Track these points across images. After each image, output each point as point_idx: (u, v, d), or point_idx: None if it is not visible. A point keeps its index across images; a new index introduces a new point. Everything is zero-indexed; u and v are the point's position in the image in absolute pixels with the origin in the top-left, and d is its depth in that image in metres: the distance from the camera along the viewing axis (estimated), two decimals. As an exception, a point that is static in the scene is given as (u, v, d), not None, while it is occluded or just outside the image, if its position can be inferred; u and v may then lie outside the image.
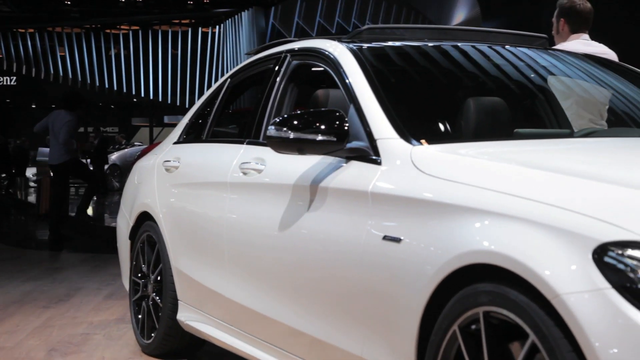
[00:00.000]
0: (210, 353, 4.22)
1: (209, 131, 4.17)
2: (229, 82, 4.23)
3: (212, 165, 3.78)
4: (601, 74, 3.49)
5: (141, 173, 4.58)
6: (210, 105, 4.30)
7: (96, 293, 6.07)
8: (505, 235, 2.03)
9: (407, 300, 2.29)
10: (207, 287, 3.60)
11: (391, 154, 2.61)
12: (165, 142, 4.63)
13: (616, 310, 1.73)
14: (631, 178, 2.12)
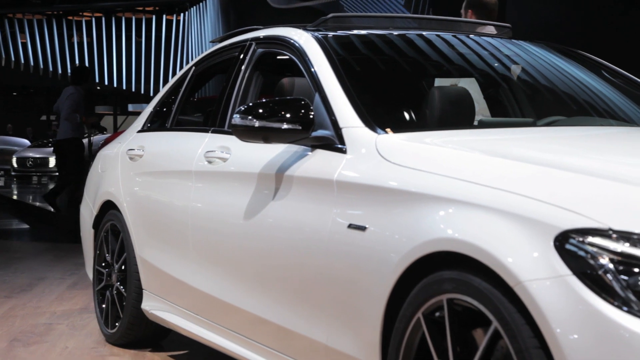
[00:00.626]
0: (176, 342, 4.21)
1: (174, 119, 4.14)
2: (193, 70, 4.20)
3: (176, 153, 3.75)
4: (563, 63, 3.53)
5: (105, 162, 4.54)
6: (175, 94, 4.27)
7: (59, 282, 6.01)
8: (469, 223, 2.05)
9: (372, 288, 2.31)
10: (172, 276, 3.59)
11: (356, 142, 2.62)
12: (129, 130, 4.59)
13: (577, 297, 1.76)
14: (592, 166, 2.15)
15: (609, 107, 3.31)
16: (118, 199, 4.13)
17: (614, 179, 2.01)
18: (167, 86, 4.44)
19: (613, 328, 1.70)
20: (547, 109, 3.46)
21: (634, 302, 1.71)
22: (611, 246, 1.77)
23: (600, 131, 2.99)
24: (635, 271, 1.73)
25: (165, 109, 4.33)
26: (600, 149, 2.52)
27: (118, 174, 4.24)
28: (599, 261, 1.77)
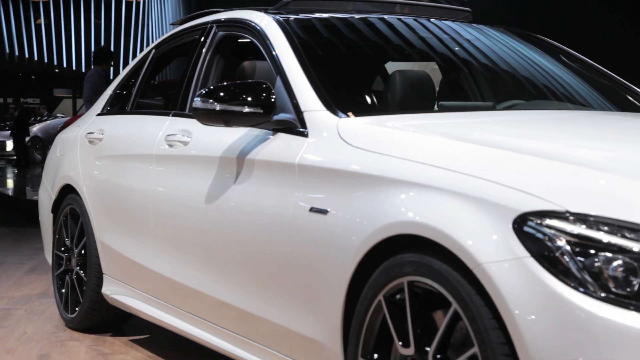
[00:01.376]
0: (137, 326, 4.19)
1: (134, 103, 4.10)
2: (153, 53, 4.16)
3: (137, 137, 3.72)
4: (522, 47, 3.56)
5: (64, 145, 4.48)
6: (135, 77, 4.22)
7: (17, 268, 5.93)
8: (430, 206, 2.07)
9: (334, 271, 2.32)
10: (133, 260, 3.57)
11: (318, 126, 2.62)
12: (89, 113, 4.53)
13: (534, 278, 1.79)
14: (550, 150, 2.18)
15: (567, 91, 3.36)
16: (77, 183, 4.08)
17: (572, 162, 2.03)
18: (127, 69, 4.39)
19: (569, 309, 1.73)
20: (507, 93, 3.49)
21: (590, 283, 1.74)
22: (568, 228, 1.80)
23: (558, 115, 3.03)
24: (591, 253, 1.76)
25: (125, 92, 4.28)
26: (557, 133, 2.55)
27: (77, 158, 4.19)
28: (556, 243, 1.80)
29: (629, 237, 1.75)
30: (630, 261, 1.72)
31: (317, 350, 2.42)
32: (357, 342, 2.23)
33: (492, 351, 1.84)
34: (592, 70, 3.48)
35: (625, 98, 3.30)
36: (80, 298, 4.07)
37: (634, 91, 3.33)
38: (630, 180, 1.91)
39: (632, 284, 1.71)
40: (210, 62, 3.45)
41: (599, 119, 2.92)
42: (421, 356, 2.07)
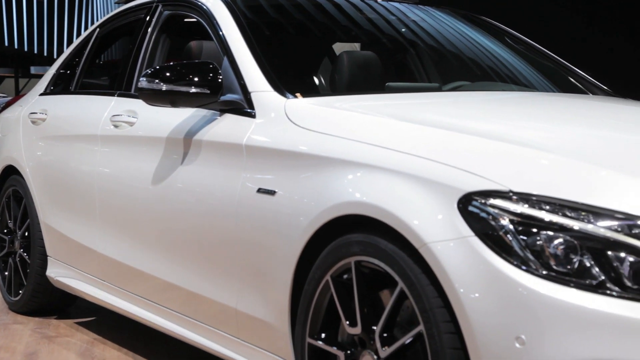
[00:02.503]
0: (82, 309, 4.15)
1: (78, 82, 4.03)
2: (98, 32, 4.09)
3: (81, 117, 3.66)
4: (468, 29, 3.60)
5: (6, 126, 4.39)
6: (79, 56, 4.15)
7: (-41, 251, 5.81)
8: (376, 186, 2.08)
9: (281, 252, 2.32)
10: (78, 242, 3.52)
11: (265, 107, 2.61)
12: (31, 93, 4.44)
13: (478, 257, 1.82)
14: (494, 130, 2.21)
15: (511, 72, 3.40)
16: (20, 164, 4.01)
17: (515, 142, 2.07)
18: (70, 48, 4.31)
19: (512, 286, 1.76)
20: (452, 75, 3.53)
21: (532, 261, 1.77)
22: (511, 207, 1.83)
23: (502, 96, 3.07)
24: (534, 231, 1.80)
25: (69, 72, 4.21)
26: (502, 114, 2.59)
27: (20, 139, 4.11)
28: (499, 222, 1.83)
29: (569, 215, 1.79)
30: (570, 239, 1.76)
31: (265, 330, 2.43)
32: (305, 322, 2.25)
33: (437, 329, 1.87)
34: (536, 52, 3.54)
35: (567, 80, 3.36)
36: (24, 281, 4.01)
37: (575, 73, 3.39)
38: (572, 160, 1.96)
39: (573, 261, 1.75)
40: (156, 41, 3.41)
41: (542, 100, 2.97)
42: (368, 335, 2.09)
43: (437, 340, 1.87)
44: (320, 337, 2.23)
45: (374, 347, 2.06)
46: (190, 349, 2.99)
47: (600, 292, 1.72)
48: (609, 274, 1.73)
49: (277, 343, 2.39)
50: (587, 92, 3.25)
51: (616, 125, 2.49)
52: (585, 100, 3.07)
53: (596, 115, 2.66)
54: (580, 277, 1.74)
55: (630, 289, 1.71)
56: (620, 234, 1.74)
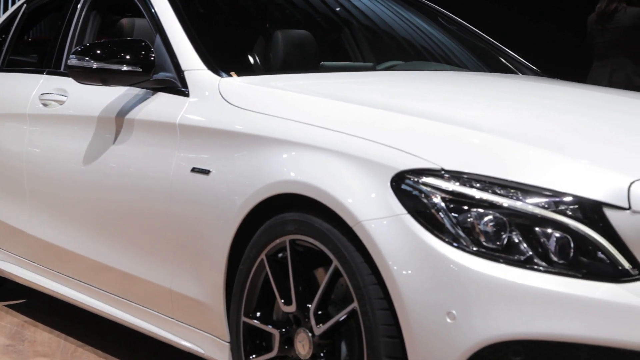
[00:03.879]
0: (13, 291, 4.06)
1: (4, 60, 3.92)
2: (25, 8, 3.98)
3: (8, 96, 3.57)
4: (401, 9, 3.62)
5: None
6: (5, 32, 4.03)
7: None
8: (311, 165, 2.09)
9: (216, 231, 2.32)
10: (6, 223, 3.44)
11: (199, 85, 2.59)
12: (-44, 71, 4.30)
13: (411, 235, 1.85)
14: (426, 109, 2.24)
15: (444, 52, 3.45)
16: (-56, 144, 3.88)
17: (448, 121, 2.10)
18: (-4, 24, 4.18)
19: (444, 262, 1.80)
20: (387, 54, 3.55)
21: (463, 238, 1.81)
22: (443, 185, 1.86)
23: (435, 75, 3.11)
24: (465, 209, 1.83)
25: (-5, 49, 4.09)
26: (434, 93, 2.62)
27: (-56, 118, 3.98)
28: (431, 200, 1.86)
29: (499, 193, 1.83)
30: (500, 216, 1.80)
31: (200, 310, 2.43)
32: (240, 301, 2.25)
33: (371, 306, 1.90)
34: (468, 33, 3.59)
35: (497, 60, 3.42)
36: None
37: (505, 53, 3.45)
38: (502, 139, 2.00)
39: (502, 238, 1.80)
40: (86, 18, 3.34)
41: (473, 80, 3.01)
42: (303, 313, 2.11)
43: (370, 316, 1.90)
44: (255, 315, 2.24)
45: (309, 324, 2.08)
46: (124, 329, 2.96)
47: (528, 267, 1.77)
48: (537, 249, 1.78)
49: (212, 322, 2.39)
50: (516, 72, 3.31)
51: (544, 105, 2.55)
52: (515, 80, 3.12)
53: (525, 94, 2.72)
54: (509, 253, 1.78)
55: (556, 264, 1.77)
56: (548, 211, 1.79)
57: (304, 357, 2.10)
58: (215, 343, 2.39)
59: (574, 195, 1.80)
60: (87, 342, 3.25)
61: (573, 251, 1.77)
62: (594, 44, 5.64)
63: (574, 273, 1.76)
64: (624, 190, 1.78)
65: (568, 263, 1.77)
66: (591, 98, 2.69)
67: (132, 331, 2.83)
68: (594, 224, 1.77)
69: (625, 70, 5.45)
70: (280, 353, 2.18)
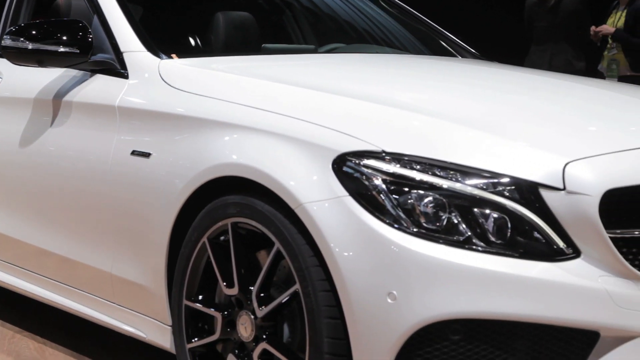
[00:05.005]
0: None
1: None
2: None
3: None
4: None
5: None
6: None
7: None
8: (253, 148, 2.09)
9: (157, 215, 2.30)
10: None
11: (139, 67, 2.56)
12: None
13: (353, 216, 1.86)
14: (368, 92, 2.26)
15: (386, 35, 3.47)
16: None
17: (389, 104, 2.12)
18: None
19: (384, 244, 1.82)
20: (328, 37, 3.55)
21: (404, 219, 1.83)
22: (384, 167, 1.88)
23: (376, 58, 3.12)
24: (405, 190, 1.85)
25: None
26: (376, 75, 2.64)
27: None
28: (373, 182, 1.87)
29: (439, 174, 1.85)
30: (440, 197, 1.83)
31: (141, 294, 2.41)
32: (182, 284, 2.24)
33: (313, 287, 1.91)
34: (409, 16, 3.61)
35: (438, 43, 3.45)
36: None
37: (446, 36, 3.49)
38: (442, 121, 2.02)
39: (442, 218, 1.82)
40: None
41: (414, 63, 3.04)
42: (245, 295, 2.11)
43: (312, 298, 1.91)
44: (197, 299, 2.23)
45: (251, 307, 2.08)
46: (65, 315, 2.92)
47: (466, 248, 1.80)
48: (475, 230, 1.81)
49: (153, 306, 2.37)
50: (456, 55, 3.35)
51: (484, 87, 2.59)
52: (455, 63, 3.16)
53: (465, 77, 2.75)
54: (448, 233, 1.81)
55: (494, 244, 1.80)
56: (486, 192, 1.82)
57: (247, 340, 2.11)
58: (157, 327, 2.38)
59: (511, 177, 1.83)
60: (26, 327, 3.19)
61: (510, 231, 1.81)
62: (533, 27, 5.72)
63: (511, 253, 1.80)
64: (559, 171, 1.83)
65: (505, 243, 1.80)
66: (529, 81, 2.74)
67: (73, 316, 2.79)
68: (530, 204, 1.81)
69: (566, 54, 5.55)
70: (222, 336, 2.18)
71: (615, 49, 5.54)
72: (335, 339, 1.89)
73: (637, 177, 1.87)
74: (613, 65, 5.45)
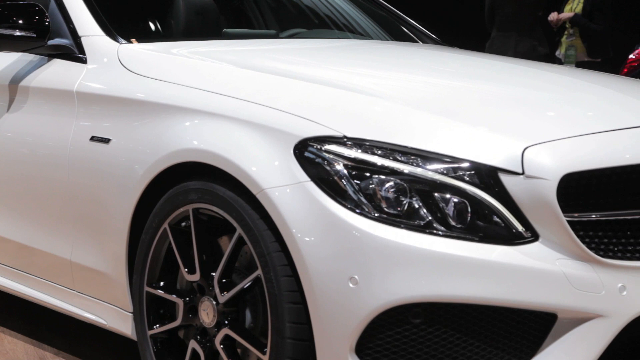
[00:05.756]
0: None
1: None
2: None
3: None
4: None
5: None
6: None
7: None
8: (214, 133, 2.08)
9: (117, 201, 2.28)
10: None
11: (97, 52, 2.52)
12: None
13: (314, 202, 1.86)
14: (329, 77, 2.26)
15: (347, 21, 3.46)
16: None
17: (350, 89, 2.13)
18: None
19: (346, 229, 1.82)
20: (290, 22, 3.54)
21: (365, 204, 1.84)
22: (345, 153, 1.88)
23: (338, 44, 3.12)
24: (367, 175, 1.86)
25: None
26: (337, 61, 2.64)
27: None
28: (334, 167, 1.88)
29: (400, 159, 1.86)
30: (401, 182, 1.84)
31: (101, 281, 2.39)
32: (143, 271, 2.23)
33: (275, 273, 1.91)
34: (370, 2, 3.61)
35: (399, 29, 3.46)
36: None
37: (407, 22, 3.50)
38: (403, 107, 2.03)
39: (402, 203, 1.83)
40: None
41: (375, 49, 3.04)
42: (207, 281, 2.11)
43: (274, 283, 1.91)
44: (158, 285, 2.22)
45: (213, 293, 2.08)
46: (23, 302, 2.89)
47: (427, 232, 1.81)
48: (436, 214, 1.83)
49: (114, 293, 2.36)
50: (417, 40, 3.36)
51: (445, 73, 2.60)
52: (416, 48, 3.17)
53: (426, 63, 2.76)
54: (409, 218, 1.82)
55: (454, 228, 1.82)
56: (446, 176, 1.84)
57: (209, 325, 2.10)
58: (118, 314, 2.36)
59: (471, 161, 1.85)
60: (-17, 316, 3.16)
61: (470, 215, 1.83)
62: (495, 13, 5.76)
63: (471, 237, 1.81)
64: (518, 155, 1.85)
65: (466, 227, 1.82)
66: (489, 66, 2.76)
67: (32, 304, 2.76)
68: (490, 188, 1.83)
69: (531, 40, 5.60)
70: (184, 322, 2.18)
71: (573, 35, 5.61)
72: (297, 323, 1.89)
73: (595, 161, 1.90)
74: (571, 50, 5.51)
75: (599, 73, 2.88)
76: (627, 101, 2.24)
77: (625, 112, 2.14)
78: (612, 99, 2.28)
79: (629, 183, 1.93)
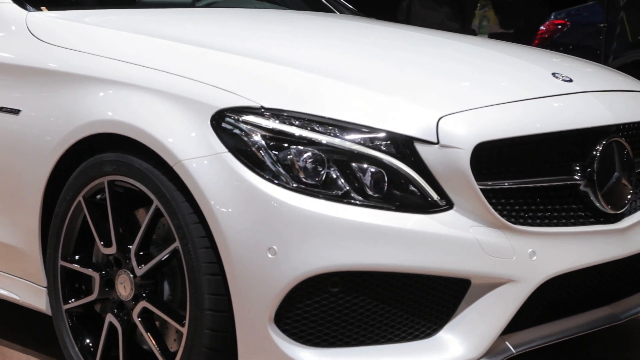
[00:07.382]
0: None
1: None
2: None
3: None
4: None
5: None
6: None
7: None
8: (129, 104, 2.05)
9: (28, 174, 2.22)
10: None
11: (4, 19, 2.44)
12: None
13: (232, 172, 1.86)
14: (246, 47, 2.24)
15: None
16: None
17: (268, 59, 2.12)
18: None
19: (264, 199, 1.83)
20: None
21: (283, 175, 1.84)
22: (263, 123, 1.88)
23: (255, 13, 3.10)
24: (285, 146, 1.86)
25: None
26: (255, 31, 2.62)
27: None
28: (252, 138, 1.87)
29: (318, 130, 1.87)
30: (318, 152, 1.85)
31: (14, 256, 2.33)
32: (57, 245, 2.18)
33: (193, 244, 1.90)
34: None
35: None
36: None
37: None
38: (321, 77, 2.04)
39: (320, 173, 1.85)
40: None
41: (293, 19, 3.03)
42: (124, 254, 2.08)
43: (192, 255, 1.90)
44: (74, 259, 2.18)
45: (130, 266, 2.06)
46: None
47: (345, 202, 1.83)
48: (353, 184, 1.84)
49: (27, 268, 2.30)
50: (334, 11, 3.36)
51: (362, 43, 2.61)
52: (334, 19, 3.17)
53: (343, 33, 2.77)
54: (327, 188, 1.84)
55: (371, 198, 1.84)
56: (363, 147, 1.85)
57: (126, 299, 2.08)
58: (32, 289, 2.31)
59: (388, 131, 1.87)
60: None
61: (387, 185, 1.85)
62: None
63: (388, 206, 1.84)
64: (433, 125, 1.88)
65: (382, 196, 1.85)
66: (406, 37, 2.79)
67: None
68: (406, 158, 1.86)
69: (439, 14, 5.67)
70: (100, 295, 2.15)
71: (485, 6, 5.71)
72: (216, 295, 1.89)
73: (507, 130, 1.94)
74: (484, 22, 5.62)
75: (510, 44, 2.94)
76: (538, 71, 2.30)
77: (536, 82, 2.20)
78: (524, 69, 2.33)
79: (539, 152, 1.99)
